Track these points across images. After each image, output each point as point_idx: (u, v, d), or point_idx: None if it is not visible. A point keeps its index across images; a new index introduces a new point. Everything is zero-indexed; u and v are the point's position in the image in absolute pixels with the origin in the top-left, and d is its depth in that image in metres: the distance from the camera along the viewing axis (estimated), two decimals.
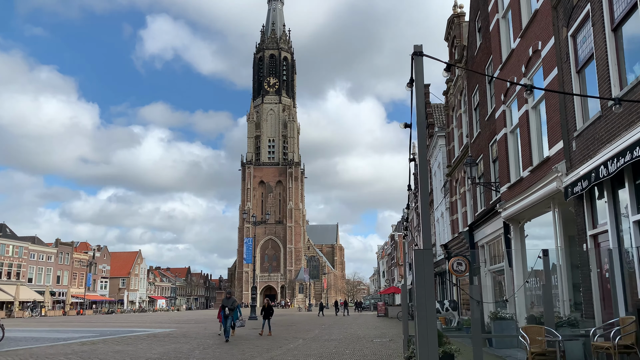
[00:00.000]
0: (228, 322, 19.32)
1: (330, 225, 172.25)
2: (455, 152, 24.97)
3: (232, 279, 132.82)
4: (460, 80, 23.17)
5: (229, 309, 19.49)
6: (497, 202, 15.87)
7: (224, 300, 20.12)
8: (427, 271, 3.43)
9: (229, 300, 20.02)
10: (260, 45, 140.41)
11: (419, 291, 3.39)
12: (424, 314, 3.37)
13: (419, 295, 3.38)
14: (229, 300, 20.09)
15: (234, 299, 20.36)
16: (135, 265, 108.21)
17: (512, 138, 14.59)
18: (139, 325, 35.39)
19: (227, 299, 20.06)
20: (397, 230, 72.43)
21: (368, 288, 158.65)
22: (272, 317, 23.15)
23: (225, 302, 19.99)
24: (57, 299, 79.53)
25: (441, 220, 29.24)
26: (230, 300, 20.01)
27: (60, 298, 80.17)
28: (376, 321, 36.81)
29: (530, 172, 12.53)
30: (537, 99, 12.40)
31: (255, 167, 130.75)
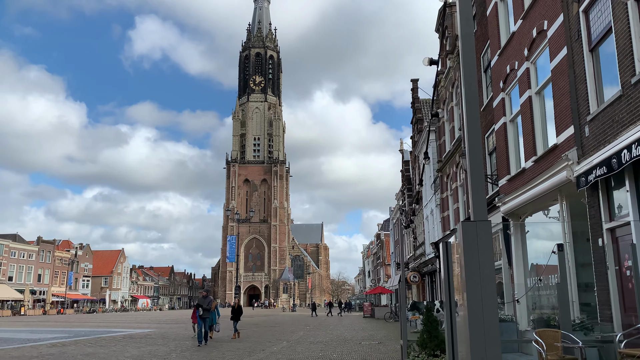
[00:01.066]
0: (205, 324, 17.57)
1: (315, 224, 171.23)
2: (447, 147, 24.13)
3: (216, 279, 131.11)
4: (452, 72, 22.33)
5: (204, 309, 17.70)
6: (494, 196, 14.99)
7: (200, 299, 18.42)
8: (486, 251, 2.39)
9: (205, 299, 18.28)
10: (246, 43, 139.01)
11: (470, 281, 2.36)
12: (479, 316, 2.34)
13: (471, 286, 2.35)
14: (206, 299, 18.34)
15: (210, 298, 18.60)
16: (118, 264, 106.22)
17: (512, 127, 13.71)
18: (117, 325, 34.00)
19: (203, 298, 18.40)
20: (383, 230, 71.64)
21: (353, 288, 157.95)
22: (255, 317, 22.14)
23: (201, 301, 18.25)
24: (38, 297, 77.76)
25: (431, 218, 28.40)
26: (207, 300, 18.27)
27: (41, 297, 78.37)
28: (363, 322, 35.87)
29: (535, 162, 11.64)
30: (542, 83, 11.52)
31: (240, 165, 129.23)
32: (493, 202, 14.69)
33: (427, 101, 35.11)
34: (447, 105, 23.97)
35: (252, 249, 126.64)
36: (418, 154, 32.29)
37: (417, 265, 33.11)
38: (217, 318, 18.98)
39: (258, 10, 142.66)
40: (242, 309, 20.90)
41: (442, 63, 24.91)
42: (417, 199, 34.05)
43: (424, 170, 27.18)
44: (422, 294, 32.71)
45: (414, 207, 36.29)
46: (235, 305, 21.03)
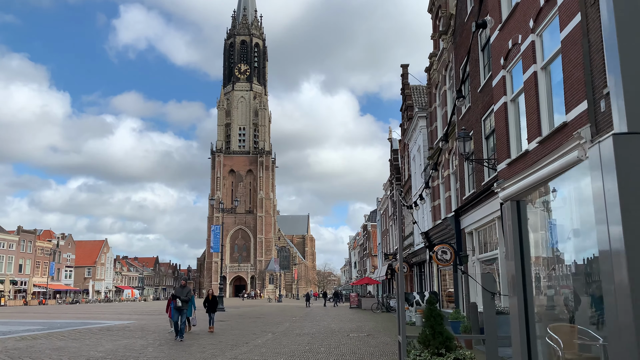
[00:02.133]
0: (182, 316, 16.13)
1: (301, 215, 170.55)
2: (438, 133, 23.30)
3: (201, 269, 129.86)
4: (445, 53, 21.44)
5: (181, 300, 16.19)
6: (492, 182, 14.18)
7: (177, 290, 16.87)
8: None
9: (184, 290, 16.78)
10: (231, 31, 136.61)
11: None
12: None
13: None
14: (184, 289, 16.84)
15: (189, 289, 17.12)
16: (101, 254, 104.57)
17: (513, 107, 12.86)
18: (97, 316, 32.85)
19: (182, 288, 16.93)
20: (369, 221, 71.03)
21: (339, 279, 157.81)
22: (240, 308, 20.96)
23: (178, 291, 16.69)
24: (19, 288, 76.06)
25: (421, 207, 27.61)
26: (185, 290, 16.80)
27: (22, 287, 76.69)
28: (350, 313, 35.15)
29: (539, 143, 10.80)
30: (549, 57, 10.65)
31: (225, 156, 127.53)
32: (490, 188, 13.87)
33: (418, 87, 34.24)
34: (440, 90, 23.10)
35: (238, 240, 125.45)
36: (408, 142, 31.45)
37: (406, 255, 32.39)
38: (193, 310, 17.50)
39: None
40: (217, 299, 19.39)
41: (435, 45, 24.02)
42: (407, 189, 33.28)
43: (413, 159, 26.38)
44: (410, 285, 32.05)
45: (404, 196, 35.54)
46: (210, 295, 19.28)
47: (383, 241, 50.40)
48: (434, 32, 24.05)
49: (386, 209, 47.08)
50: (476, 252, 16.92)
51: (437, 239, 21.92)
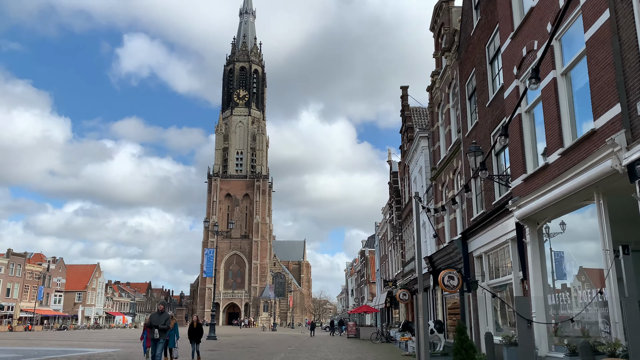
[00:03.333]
0: (158, 348, 13.70)
1: (298, 241, 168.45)
2: (442, 153, 22.37)
3: (194, 296, 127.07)
4: (449, 70, 20.67)
5: (160, 330, 13.78)
6: (505, 201, 13.14)
7: (152, 316, 14.28)
8: None
9: (161, 317, 14.20)
10: (230, 57, 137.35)
11: None
12: None
13: None
14: (161, 316, 14.24)
15: (168, 315, 14.55)
16: (92, 278, 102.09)
17: (528, 119, 11.93)
18: (82, 343, 31.19)
19: (159, 314, 14.36)
20: (367, 246, 69.51)
21: (335, 307, 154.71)
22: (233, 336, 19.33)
23: (154, 318, 14.12)
24: (5, 313, 73.66)
25: (423, 231, 26.47)
26: (163, 317, 14.21)
27: (9, 312, 74.25)
28: (347, 343, 33.55)
29: (562, 155, 9.81)
30: (571, 61, 9.76)
31: (222, 180, 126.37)
32: (504, 206, 12.82)
33: (418, 109, 33.54)
34: (443, 108, 22.27)
35: (233, 266, 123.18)
36: (408, 163, 30.51)
37: (407, 282, 31.07)
38: (175, 340, 15.37)
39: (243, 25, 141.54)
40: (202, 328, 17.28)
41: (437, 63, 23.31)
42: (408, 212, 32.17)
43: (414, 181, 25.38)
44: (411, 314, 30.60)
45: (401, 220, 34.42)
46: (194, 323, 16.99)
47: (382, 267, 48.97)
48: (436, 50, 23.38)
49: (385, 233, 45.81)
50: (486, 278, 15.74)
51: (442, 264, 20.72)
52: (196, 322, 16.94)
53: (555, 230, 11.13)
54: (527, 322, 5.53)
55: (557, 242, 11.13)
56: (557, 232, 11.09)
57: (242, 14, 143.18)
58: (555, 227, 11.10)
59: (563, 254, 10.70)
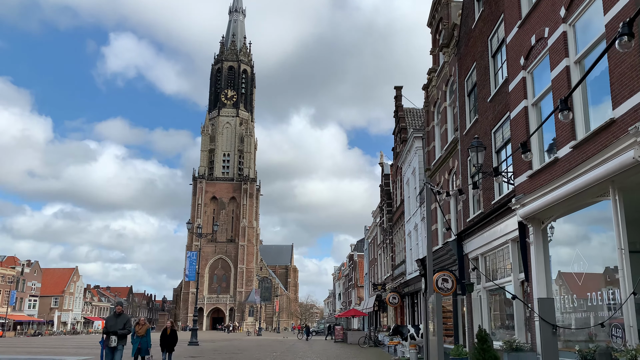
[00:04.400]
0: (116, 357, 11.72)
1: (285, 245, 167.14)
2: (437, 153, 21.77)
3: (178, 300, 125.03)
4: (447, 67, 20.09)
5: (118, 336, 11.70)
6: (506, 200, 12.51)
7: (108, 320, 12.15)
8: None
9: (119, 320, 11.97)
10: (219, 56, 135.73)
11: None
12: None
13: None
14: (119, 318, 12.00)
15: (127, 317, 12.30)
16: (70, 282, 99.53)
17: (535, 112, 11.31)
18: (53, 350, 29.84)
19: (115, 317, 12.09)
20: (356, 250, 68.80)
21: (322, 311, 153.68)
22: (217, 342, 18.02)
23: (110, 323, 11.96)
24: None
25: (414, 233, 25.85)
26: (121, 320, 11.97)
27: None
28: (335, 348, 32.73)
29: (574, 148, 9.18)
30: (585, 47, 9.14)
31: (208, 182, 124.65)
32: (505, 205, 12.18)
33: (412, 110, 33.00)
34: (439, 107, 21.68)
35: (218, 270, 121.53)
36: (401, 165, 29.90)
37: (397, 285, 30.39)
38: (148, 348, 13.83)
39: (232, 23, 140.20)
40: (177, 335, 15.07)
41: (434, 60, 22.75)
42: (399, 215, 31.55)
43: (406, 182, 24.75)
44: (401, 318, 29.93)
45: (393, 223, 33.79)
46: (168, 329, 14.89)
47: (371, 271, 48.27)
48: (433, 46, 22.82)
49: (375, 237, 45.15)
50: (482, 280, 15.08)
51: (435, 266, 20.03)
52: (170, 328, 14.92)
53: (561, 229, 10.50)
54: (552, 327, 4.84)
55: (563, 242, 10.49)
56: (563, 231, 10.45)
57: (231, 12, 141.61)
58: (562, 226, 10.46)
59: (569, 255, 10.05)
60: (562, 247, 10.55)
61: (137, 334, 13.50)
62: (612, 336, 7.24)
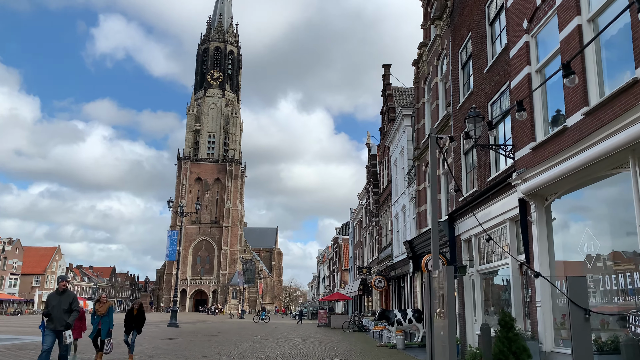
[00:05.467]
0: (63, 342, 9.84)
1: (270, 228, 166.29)
2: (427, 131, 20.78)
3: (160, 282, 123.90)
4: (439, 40, 19.03)
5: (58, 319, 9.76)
6: (504, 176, 11.60)
7: (50, 299, 10.07)
8: None
9: (63, 298, 10.00)
10: (205, 36, 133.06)
11: None
12: None
13: None
14: (63, 296, 10.01)
15: (72, 295, 10.23)
16: (52, 261, 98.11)
17: (539, 79, 10.35)
18: (26, 330, 28.64)
19: (59, 295, 10.05)
20: (341, 233, 68.15)
21: (305, 295, 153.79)
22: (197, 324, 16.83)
23: (51, 302, 9.96)
24: None
25: (401, 215, 25.01)
26: (66, 298, 10.01)
27: None
28: (318, 332, 32.01)
29: (587, 115, 8.25)
30: (601, 3, 8.15)
31: (193, 163, 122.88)
32: (504, 182, 11.27)
33: (400, 89, 31.97)
34: (430, 82, 20.67)
35: (201, 252, 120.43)
36: (389, 145, 28.94)
37: (383, 269, 29.65)
38: (109, 330, 12.05)
39: (219, 3, 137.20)
40: (144, 315, 13.47)
41: (426, 34, 21.67)
42: (386, 196, 30.67)
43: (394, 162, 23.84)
44: (387, 302, 29.25)
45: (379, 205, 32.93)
46: (135, 310, 13.22)
47: (356, 254, 47.59)
48: (424, 20, 21.73)
49: (360, 219, 44.37)
50: (476, 263, 14.26)
51: (423, 248, 19.23)
52: (137, 309, 13.23)
53: (567, 206, 9.62)
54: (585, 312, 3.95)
55: (570, 220, 9.62)
56: (570, 208, 9.57)
57: None
58: (568, 203, 9.59)
59: (577, 234, 9.19)
60: (568, 225, 9.69)
61: (98, 313, 12.06)
62: (631, 325, 6.42)
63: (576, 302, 4.18)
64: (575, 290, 4.29)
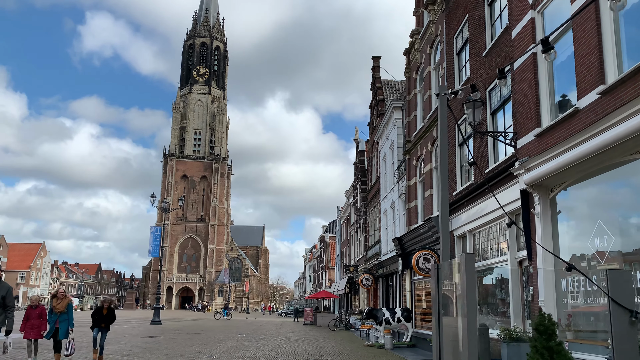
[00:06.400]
0: None
1: (256, 227, 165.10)
2: (418, 124, 19.97)
3: (147, 279, 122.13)
4: (432, 26, 18.19)
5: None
6: (504, 167, 10.78)
7: None
8: None
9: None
10: (191, 32, 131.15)
11: None
12: None
13: None
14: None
15: (6, 287, 9.11)
16: (37, 258, 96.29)
17: (544, 59, 9.48)
18: None
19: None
20: (328, 232, 67.25)
21: (292, 293, 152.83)
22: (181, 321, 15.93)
23: None
24: None
25: (390, 212, 24.17)
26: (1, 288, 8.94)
27: None
28: (304, 330, 31.11)
29: (603, 94, 7.41)
30: None
31: (179, 160, 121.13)
32: (508, 170, 10.44)
33: (390, 82, 31.13)
34: (422, 72, 19.83)
35: (188, 249, 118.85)
36: (378, 139, 28.07)
37: (370, 267, 28.81)
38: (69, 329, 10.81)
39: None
40: (114, 314, 12.20)
41: (418, 21, 20.83)
42: (375, 193, 29.82)
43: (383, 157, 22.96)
44: (374, 301, 28.42)
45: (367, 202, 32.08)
46: (105, 308, 11.96)
47: (343, 252, 46.73)
48: (417, 6, 20.88)
49: (347, 217, 43.51)
50: None
51: (413, 245, 18.39)
52: (107, 307, 11.96)
53: (575, 197, 8.80)
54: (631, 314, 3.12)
55: (578, 212, 8.80)
56: (578, 200, 8.75)
57: None
58: (576, 193, 8.76)
59: (586, 228, 8.36)
60: (576, 218, 8.86)
61: (55, 310, 10.85)
62: None
63: (619, 301, 3.37)
64: (618, 287, 3.46)
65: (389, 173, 24.80)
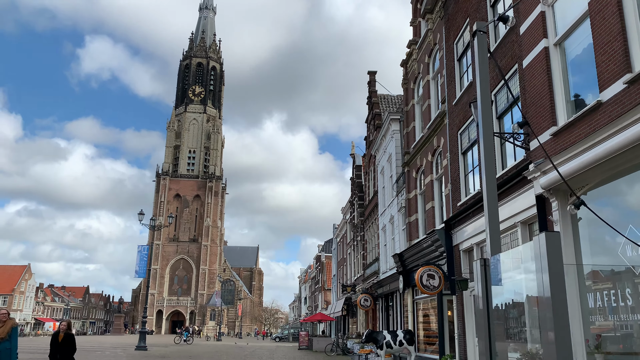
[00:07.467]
0: None
1: (251, 247, 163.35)
2: (417, 135, 19.26)
3: (136, 302, 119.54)
4: (430, 35, 17.62)
5: None
6: (515, 172, 9.99)
7: None
8: None
9: None
10: (187, 52, 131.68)
11: None
12: None
13: None
14: None
15: None
16: (21, 281, 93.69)
17: (558, 53, 8.80)
18: None
19: None
20: (324, 251, 66.02)
21: (287, 317, 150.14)
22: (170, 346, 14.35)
23: None
24: None
25: (389, 227, 23.28)
26: None
27: None
28: (299, 356, 29.82)
29: (630, 83, 6.67)
30: None
31: (172, 179, 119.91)
32: (521, 174, 9.64)
33: (386, 97, 30.57)
34: (421, 82, 19.20)
35: (179, 271, 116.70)
36: (375, 153, 27.34)
37: (369, 286, 27.76)
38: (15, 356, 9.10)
39: (202, 20, 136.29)
40: (74, 342, 9.94)
41: (415, 32, 20.30)
42: (372, 208, 28.96)
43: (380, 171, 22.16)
44: (373, 322, 27.29)
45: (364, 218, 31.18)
46: (61, 334, 9.86)
47: (339, 272, 45.56)
48: (414, 17, 20.38)
49: (344, 235, 42.50)
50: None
51: (415, 261, 17.47)
52: (63, 333, 9.86)
53: (598, 202, 7.98)
54: None
55: (604, 218, 7.97)
56: (602, 204, 7.93)
57: (201, 9, 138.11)
58: (599, 198, 7.95)
59: (614, 235, 7.52)
60: (601, 225, 8.03)
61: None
62: None
63: None
64: None
65: (387, 187, 24.00)
